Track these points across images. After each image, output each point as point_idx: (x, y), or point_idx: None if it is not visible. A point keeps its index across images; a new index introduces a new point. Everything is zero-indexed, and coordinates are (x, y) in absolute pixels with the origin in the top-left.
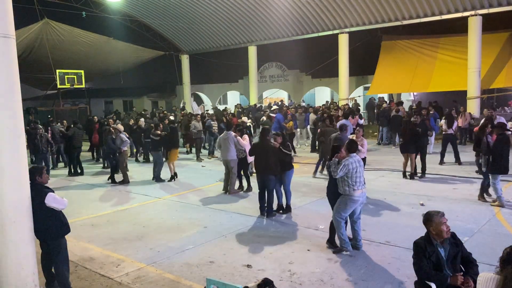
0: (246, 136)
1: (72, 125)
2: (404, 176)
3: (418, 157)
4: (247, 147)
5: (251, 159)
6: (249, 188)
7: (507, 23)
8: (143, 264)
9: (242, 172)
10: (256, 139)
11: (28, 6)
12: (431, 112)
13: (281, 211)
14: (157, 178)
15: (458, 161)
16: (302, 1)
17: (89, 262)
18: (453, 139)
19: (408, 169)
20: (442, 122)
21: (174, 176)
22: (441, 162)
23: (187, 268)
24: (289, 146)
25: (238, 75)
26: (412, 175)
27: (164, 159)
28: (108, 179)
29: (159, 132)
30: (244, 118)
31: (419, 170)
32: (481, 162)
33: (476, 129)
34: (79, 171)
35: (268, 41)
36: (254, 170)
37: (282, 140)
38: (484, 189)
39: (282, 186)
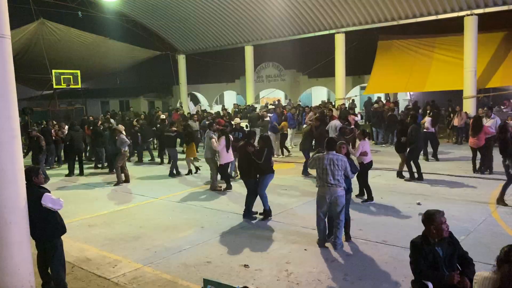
0: (222, 138)
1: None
2: (397, 175)
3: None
4: (221, 149)
5: (225, 159)
6: (228, 187)
7: (502, 23)
8: (140, 264)
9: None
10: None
11: (23, 6)
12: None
13: (261, 215)
14: (171, 173)
15: (435, 157)
16: (298, 1)
17: (86, 263)
18: (433, 137)
19: (405, 169)
20: (427, 119)
21: (191, 171)
22: (427, 158)
23: (184, 268)
24: (261, 152)
25: (234, 75)
26: (399, 174)
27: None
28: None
29: (174, 128)
30: (237, 119)
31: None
32: (507, 164)
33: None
34: (78, 172)
35: (265, 41)
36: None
37: (263, 145)
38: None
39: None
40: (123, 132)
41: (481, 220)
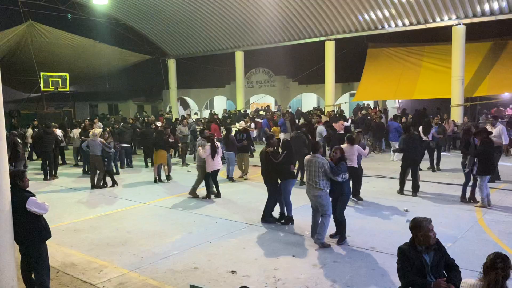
0: (207, 146)
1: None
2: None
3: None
4: (206, 156)
5: (211, 167)
6: (208, 196)
7: (489, 33)
8: (126, 270)
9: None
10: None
11: (12, 8)
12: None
13: (282, 221)
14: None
15: (432, 168)
16: (289, 8)
17: (71, 268)
18: (428, 147)
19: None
20: (420, 128)
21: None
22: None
23: (171, 274)
24: (277, 153)
25: (225, 80)
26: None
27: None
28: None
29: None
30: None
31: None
32: (466, 163)
33: None
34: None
35: (255, 46)
36: None
37: (283, 149)
38: (465, 191)
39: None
40: (93, 137)
41: (468, 227)
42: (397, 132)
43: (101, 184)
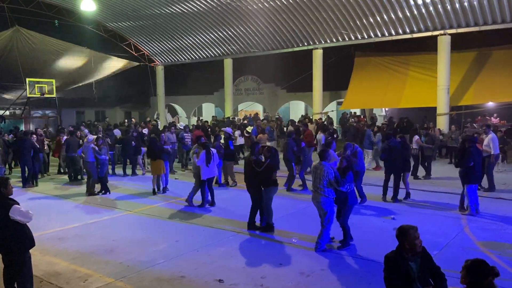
0: (201, 152)
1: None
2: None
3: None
4: (200, 163)
5: (205, 175)
6: (202, 204)
7: (474, 43)
8: (111, 279)
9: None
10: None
11: None
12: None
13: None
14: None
15: (414, 175)
16: (278, 16)
17: (55, 277)
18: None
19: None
20: None
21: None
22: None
23: (157, 283)
24: (260, 162)
25: (213, 87)
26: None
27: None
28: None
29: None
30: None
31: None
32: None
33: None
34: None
35: (244, 54)
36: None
37: (267, 156)
38: (463, 201)
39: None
40: (86, 143)
41: (454, 235)
42: (369, 140)
43: (93, 190)
